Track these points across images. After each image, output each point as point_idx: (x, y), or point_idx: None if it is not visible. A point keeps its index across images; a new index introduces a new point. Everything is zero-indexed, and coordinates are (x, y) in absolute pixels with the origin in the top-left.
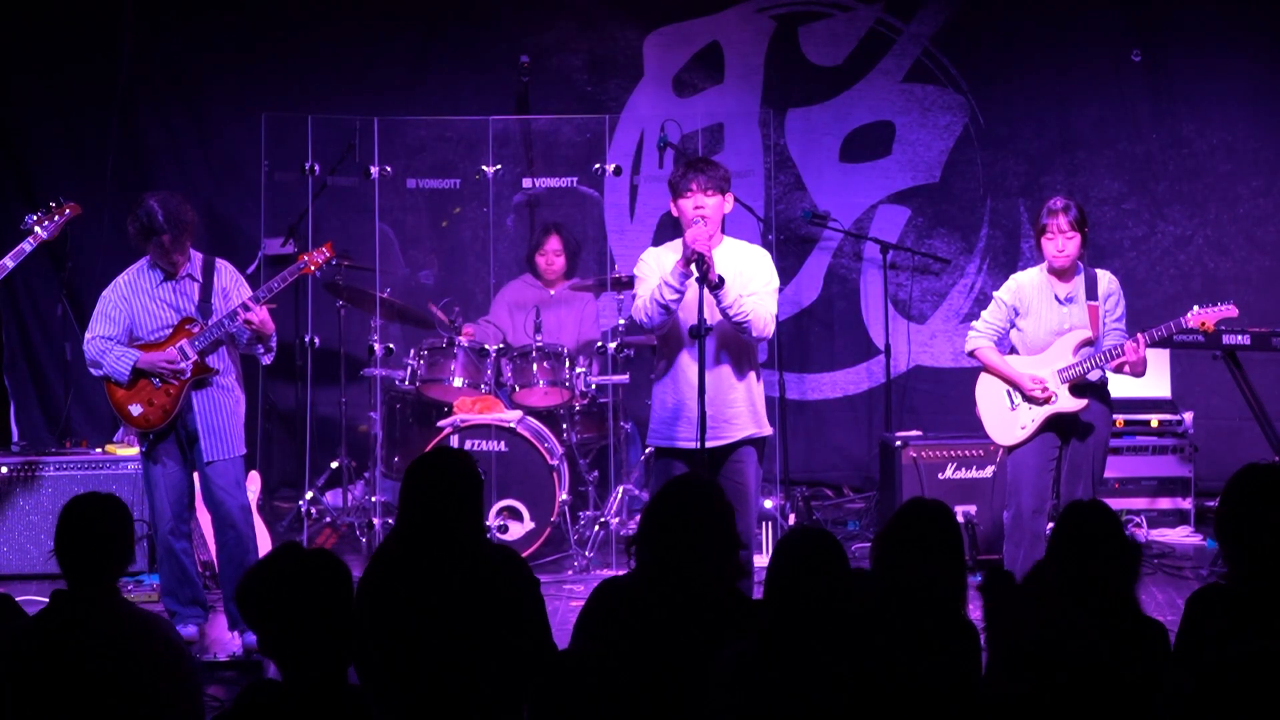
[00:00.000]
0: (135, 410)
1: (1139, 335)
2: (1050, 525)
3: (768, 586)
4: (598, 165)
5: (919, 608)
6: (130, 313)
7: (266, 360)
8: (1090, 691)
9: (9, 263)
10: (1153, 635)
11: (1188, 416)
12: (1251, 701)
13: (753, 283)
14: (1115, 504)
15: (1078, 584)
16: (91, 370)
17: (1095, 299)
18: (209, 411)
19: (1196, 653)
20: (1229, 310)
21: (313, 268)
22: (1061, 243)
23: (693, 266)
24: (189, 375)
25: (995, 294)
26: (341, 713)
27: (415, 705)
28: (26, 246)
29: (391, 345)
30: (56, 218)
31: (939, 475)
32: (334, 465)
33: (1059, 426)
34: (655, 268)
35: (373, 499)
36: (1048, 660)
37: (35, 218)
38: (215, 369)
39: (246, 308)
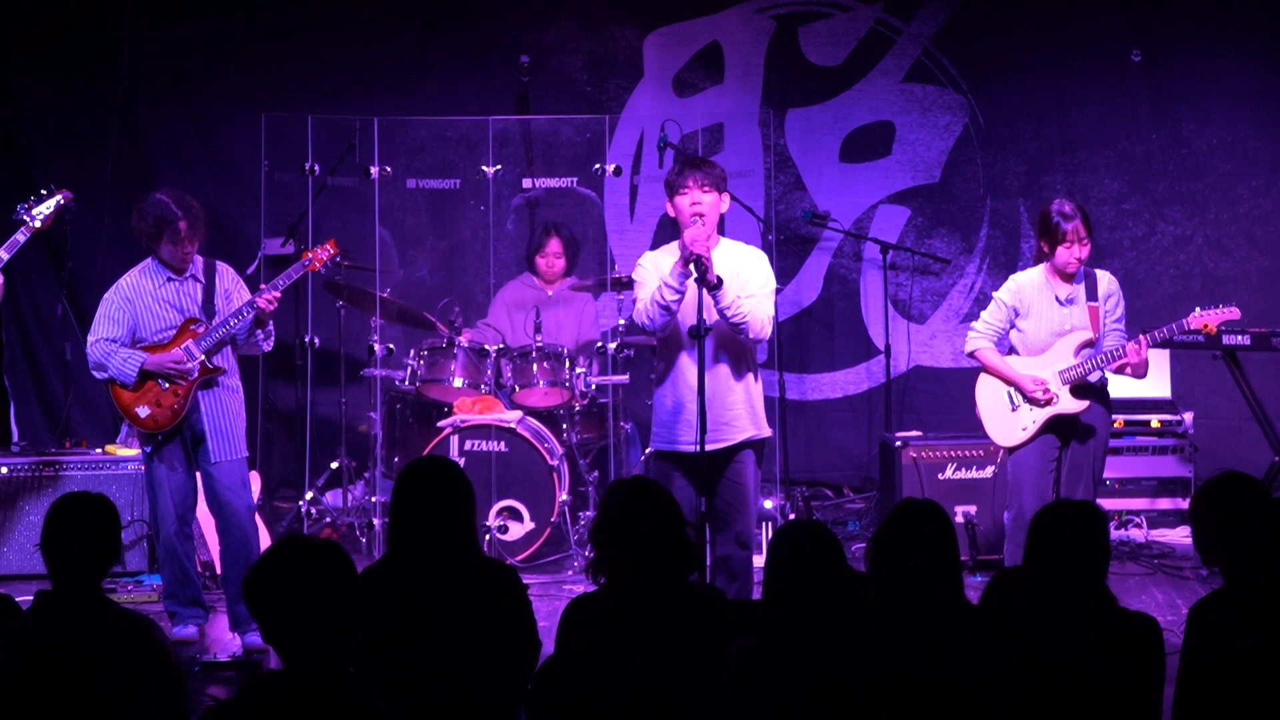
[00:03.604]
0: (143, 412)
1: (1141, 336)
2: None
3: (765, 581)
4: (598, 165)
5: (915, 608)
6: (134, 314)
7: (267, 346)
8: (1082, 690)
9: (3, 254)
10: (1143, 630)
11: (1188, 417)
12: (1241, 699)
13: (750, 284)
14: (1115, 504)
15: (1048, 583)
16: (95, 373)
17: (1095, 300)
18: (216, 412)
19: (1198, 656)
20: (1231, 312)
21: (317, 264)
22: (1078, 249)
23: (691, 267)
24: (196, 375)
25: (995, 294)
26: (343, 703)
27: (410, 710)
28: (20, 237)
29: (391, 345)
30: (49, 205)
31: (939, 475)
32: (334, 465)
33: (1059, 427)
34: (653, 270)
35: (373, 499)
36: (1037, 660)
37: (25, 205)
38: (222, 368)
39: (255, 304)
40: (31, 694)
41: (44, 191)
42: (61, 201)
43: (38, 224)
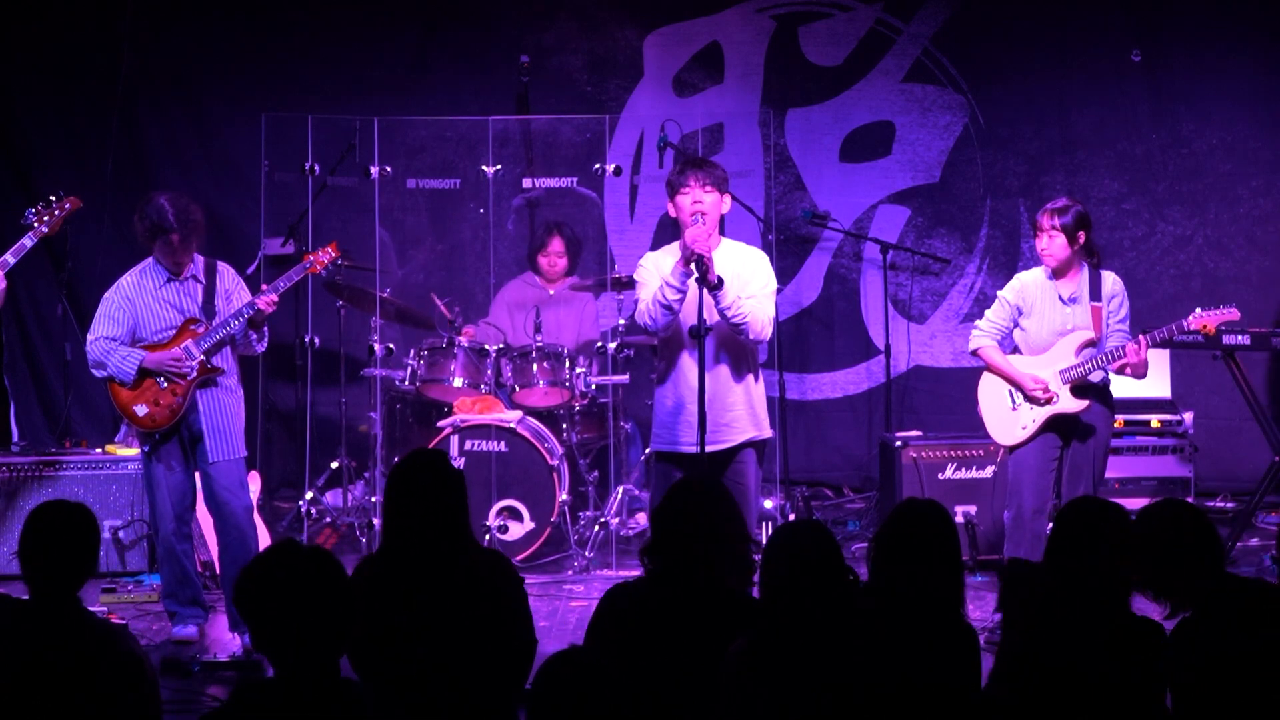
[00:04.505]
0: (141, 411)
1: (1140, 337)
2: (1050, 526)
3: (763, 581)
4: (598, 165)
5: (916, 608)
6: (134, 313)
7: (260, 348)
8: (1088, 694)
9: (10, 259)
10: (1145, 634)
11: (1188, 416)
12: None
13: (750, 285)
14: None
15: (1074, 583)
16: (94, 371)
17: (1099, 299)
18: (214, 412)
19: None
20: (1231, 313)
21: (318, 267)
22: (1045, 242)
23: (692, 266)
24: (195, 375)
25: (999, 293)
26: (335, 708)
27: (408, 707)
28: (27, 242)
29: (391, 345)
30: (56, 211)
31: (939, 475)
32: (334, 465)
33: (1060, 427)
34: (654, 271)
35: (373, 499)
36: (1044, 663)
37: (35, 212)
38: (221, 368)
39: (254, 305)
40: (8, 704)
41: (52, 199)
42: (70, 208)
43: (45, 230)
